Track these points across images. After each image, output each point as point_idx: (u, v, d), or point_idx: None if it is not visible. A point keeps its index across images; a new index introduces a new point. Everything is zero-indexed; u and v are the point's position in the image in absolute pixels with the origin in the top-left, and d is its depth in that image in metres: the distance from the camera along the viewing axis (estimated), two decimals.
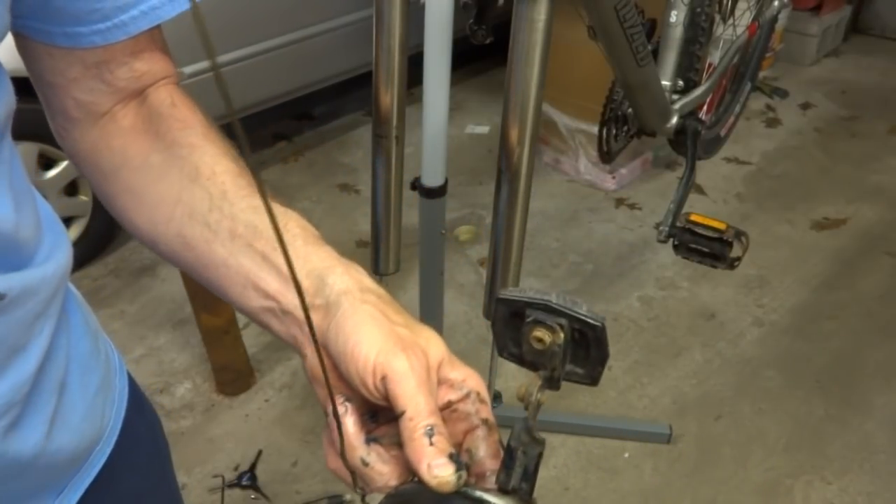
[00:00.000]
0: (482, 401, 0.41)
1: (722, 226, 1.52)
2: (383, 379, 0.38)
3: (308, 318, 0.37)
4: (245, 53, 2.44)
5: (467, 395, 0.41)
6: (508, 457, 0.38)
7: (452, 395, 0.41)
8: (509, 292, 0.38)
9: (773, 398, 1.92)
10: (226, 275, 0.47)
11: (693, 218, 1.54)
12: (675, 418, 1.85)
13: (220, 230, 0.48)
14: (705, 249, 1.53)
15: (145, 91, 0.53)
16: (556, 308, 0.36)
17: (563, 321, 0.37)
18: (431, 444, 0.37)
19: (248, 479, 1.68)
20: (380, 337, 0.39)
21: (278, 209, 0.48)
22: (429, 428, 0.37)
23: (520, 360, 0.40)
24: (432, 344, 0.41)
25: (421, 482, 0.38)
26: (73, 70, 0.49)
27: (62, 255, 0.50)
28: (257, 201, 0.48)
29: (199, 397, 1.91)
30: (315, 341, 0.39)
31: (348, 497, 1.63)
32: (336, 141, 3.05)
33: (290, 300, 0.44)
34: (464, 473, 0.37)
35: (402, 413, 0.38)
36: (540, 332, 0.37)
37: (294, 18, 2.54)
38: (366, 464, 0.40)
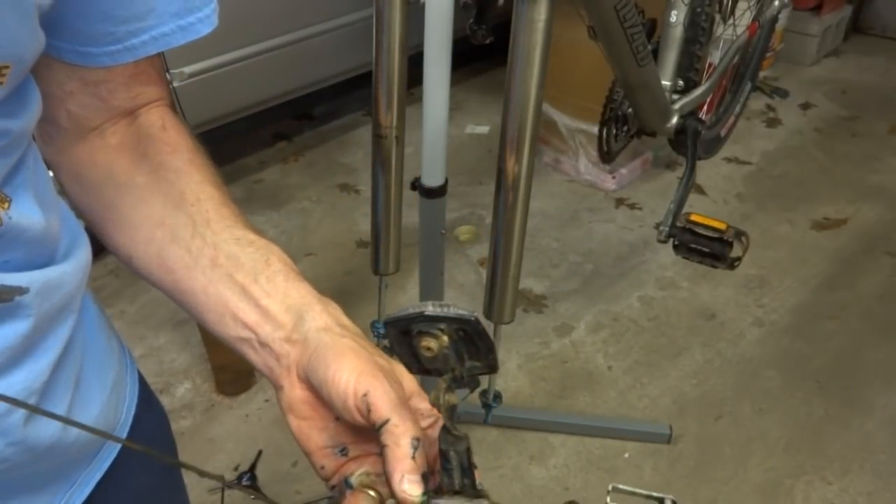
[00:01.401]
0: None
1: (722, 226, 1.52)
2: (365, 395, 0.40)
3: None
4: (245, 53, 2.44)
5: (436, 422, 0.44)
6: (444, 460, 0.41)
7: (423, 423, 0.44)
8: (392, 315, 0.41)
9: (774, 398, 1.92)
10: (204, 302, 0.48)
11: (693, 218, 1.54)
12: (675, 418, 1.85)
13: (202, 258, 0.49)
14: (705, 249, 1.53)
15: (136, 111, 0.54)
16: (432, 315, 0.40)
17: (443, 325, 0.40)
18: (413, 457, 0.39)
19: (248, 479, 1.68)
20: (360, 363, 0.42)
21: (261, 242, 0.49)
22: (415, 441, 0.39)
23: (427, 372, 0.42)
24: (405, 377, 0.44)
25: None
26: (71, 84, 0.50)
27: (82, 253, 0.51)
28: (240, 232, 0.49)
29: (199, 397, 1.91)
30: None
31: None
32: (336, 141, 3.05)
33: (268, 332, 0.46)
34: (428, 498, 0.39)
35: (386, 422, 0.39)
36: (426, 341, 0.40)
37: (294, 18, 2.54)
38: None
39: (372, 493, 0.42)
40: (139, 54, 0.49)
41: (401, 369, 0.44)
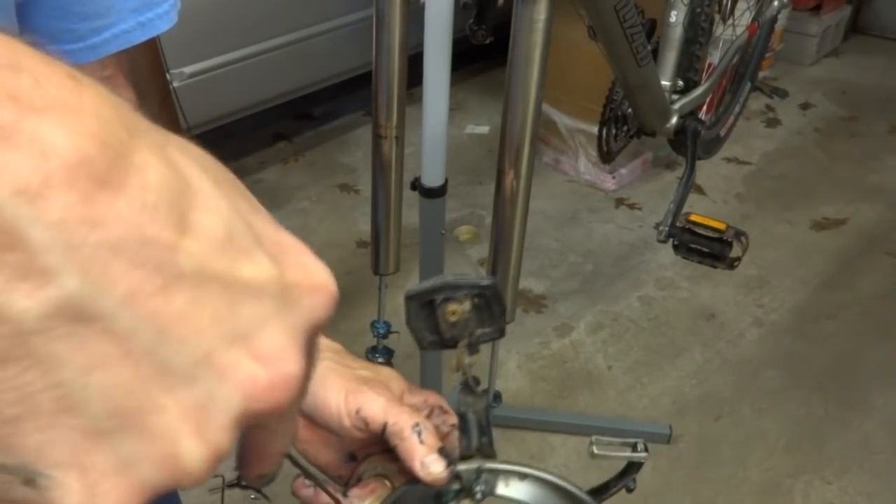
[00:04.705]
0: (446, 411, 0.45)
1: (722, 226, 1.52)
2: (358, 412, 0.41)
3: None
4: (245, 53, 2.44)
5: (431, 411, 0.44)
6: (462, 422, 0.43)
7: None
8: (414, 288, 0.44)
9: (773, 398, 1.92)
10: None
11: (693, 218, 1.54)
12: (675, 418, 1.85)
13: None
14: (705, 249, 1.54)
15: None
16: (453, 283, 0.43)
17: (465, 291, 0.43)
18: (422, 441, 0.39)
19: None
20: (343, 382, 0.42)
21: None
22: (416, 426, 0.40)
23: (440, 344, 0.45)
24: (392, 379, 0.45)
25: (409, 482, 0.41)
26: None
27: None
28: None
29: None
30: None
31: None
32: (336, 141, 3.05)
33: None
34: (454, 467, 0.40)
35: (385, 426, 0.40)
36: (452, 307, 0.43)
37: (294, 18, 2.54)
38: None
39: (385, 481, 0.43)
40: (101, 53, 0.48)
41: (387, 373, 0.45)
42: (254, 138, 2.97)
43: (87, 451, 0.18)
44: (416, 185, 1.45)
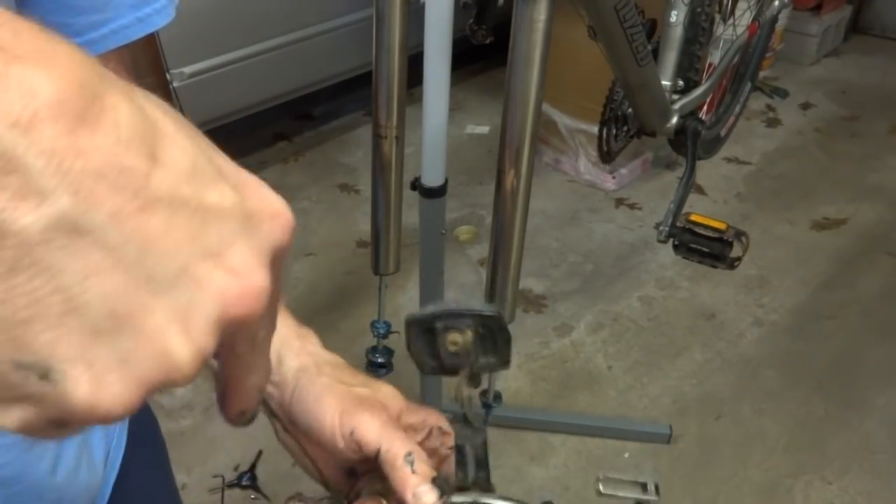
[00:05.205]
0: (445, 433, 0.44)
1: (722, 226, 1.52)
2: (351, 434, 0.41)
3: None
4: (245, 53, 2.44)
5: (430, 433, 0.44)
6: (459, 455, 0.42)
7: (417, 438, 0.44)
8: (414, 314, 0.43)
9: (774, 398, 1.92)
10: None
11: (693, 218, 1.54)
12: (675, 418, 1.85)
13: None
14: (705, 249, 1.54)
15: None
16: (458, 312, 0.42)
17: (469, 321, 0.42)
18: (414, 471, 0.39)
19: (248, 479, 1.68)
20: (339, 401, 0.42)
21: None
22: (409, 455, 0.40)
23: (441, 370, 0.43)
24: (390, 397, 0.45)
25: None
26: None
27: None
28: None
29: (199, 397, 1.91)
30: None
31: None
32: (336, 141, 3.05)
33: None
34: (447, 498, 0.39)
35: (378, 451, 0.40)
36: (453, 336, 0.42)
37: (294, 18, 2.54)
38: None
39: (383, 501, 0.43)
40: (100, 48, 0.48)
41: (385, 391, 0.45)
42: (254, 138, 2.97)
43: (90, 348, 0.21)
44: (416, 185, 1.45)
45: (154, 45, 1.83)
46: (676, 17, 1.61)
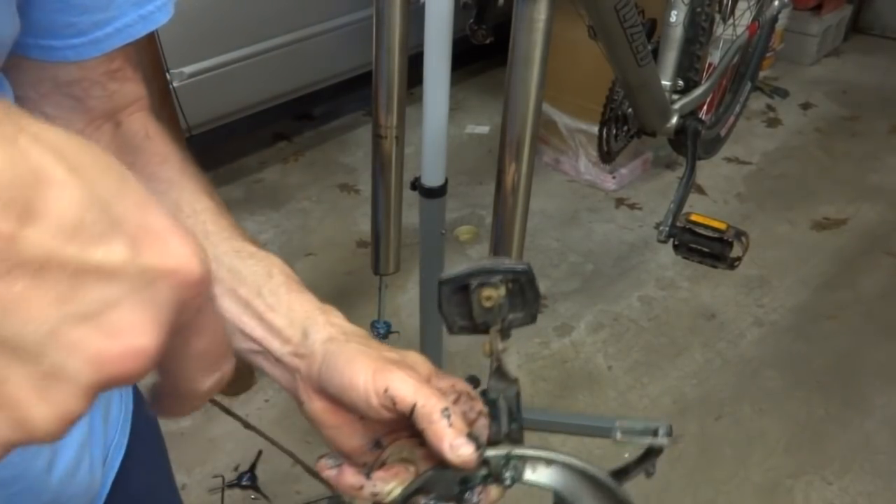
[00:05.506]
0: (473, 398, 0.44)
1: (722, 226, 1.52)
2: (386, 391, 0.40)
3: None
4: (245, 53, 2.44)
5: (459, 397, 0.44)
6: (492, 408, 0.43)
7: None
8: (448, 273, 0.44)
9: (774, 398, 1.92)
10: None
11: (693, 218, 1.54)
12: (675, 418, 1.85)
13: None
14: (705, 249, 1.53)
15: (118, 116, 0.53)
16: (491, 268, 0.43)
17: (500, 276, 0.43)
18: (450, 425, 0.39)
19: (248, 479, 1.68)
20: (371, 362, 0.42)
21: (261, 254, 0.49)
22: (445, 410, 0.40)
23: (472, 329, 0.45)
24: (419, 362, 0.44)
25: (439, 466, 0.41)
26: (44, 85, 0.49)
27: None
28: (238, 244, 0.49)
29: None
30: None
31: (348, 497, 1.62)
32: (336, 141, 3.05)
33: (277, 348, 0.46)
34: (483, 451, 0.40)
35: (413, 407, 0.40)
36: (488, 292, 0.43)
37: (294, 18, 2.54)
38: (374, 494, 0.43)
39: (410, 466, 0.43)
40: (105, 48, 0.48)
41: (414, 356, 0.45)
42: (254, 138, 2.97)
43: None
44: (416, 185, 1.45)
45: (154, 45, 1.83)
46: (676, 17, 1.61)
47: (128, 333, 0.22)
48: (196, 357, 0.28)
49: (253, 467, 1.71)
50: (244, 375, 1.91)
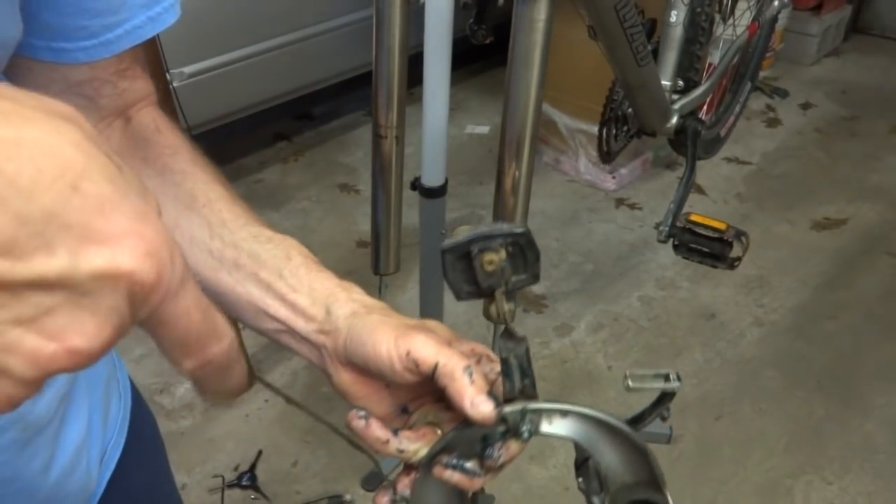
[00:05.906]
0: (493, 360, 0.46)
1: (722, 226, 1.52)
2: (408, 354, 0.42)
3: None
4: (245, 53, 2.44)
5: (479, 359, 0.46)
6: (504, 366, 0.45)
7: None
8: (447, 243, 0.45)
9: (774, 398, 1.92)
10: (235, 302, 0.49)
11: (693, 218, 1.54)
12: (675, 418, 1.84)
13: (224, 259, 0.49)
14: (705, 249, 1.53)
15: (127, 112, 0.54)
16: (490, 233, 0.44)
17: (500, 240, 0.44)
18: (472, 382, 0.41)
19: (248, 479, 1.68)
20: (392, 329, 0.44)
21: (278, 238, 0.51)
22: (467, 367, 0.41)
23: (478, 294, 0.46)
24: (439, 328, 0.46)
25: (459, 426, 0.43)
26: (55, 86, 0.49)
27: None
28: (255, 229, 0.51)
29: (199, 397, 1.91)
30: None
31: (348, 497, 1.63)
32: (336, 141, 3.05)
33: (302, 326, 0.47)
34: (502, 408, 0.42)
35: (435, 367, 0.41)
36: (489, 256, 0.44)
37: (294, 18, 2.54)
38: (400, 451, 0.44)
39: (437, 429, 0.45)
40: (115, 49, 0.49)
41: (432, 323, 0.47)
42: (254, 138, 2.97)
43: None
44: (416, 185, 1.45)
45: (154, 45, 1.83)
46: (676, 17, 1.61)
47: (62, 335, 0.24)
48: (172, 344, 0.29)
49: (253, 467, 1.71)
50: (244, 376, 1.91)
